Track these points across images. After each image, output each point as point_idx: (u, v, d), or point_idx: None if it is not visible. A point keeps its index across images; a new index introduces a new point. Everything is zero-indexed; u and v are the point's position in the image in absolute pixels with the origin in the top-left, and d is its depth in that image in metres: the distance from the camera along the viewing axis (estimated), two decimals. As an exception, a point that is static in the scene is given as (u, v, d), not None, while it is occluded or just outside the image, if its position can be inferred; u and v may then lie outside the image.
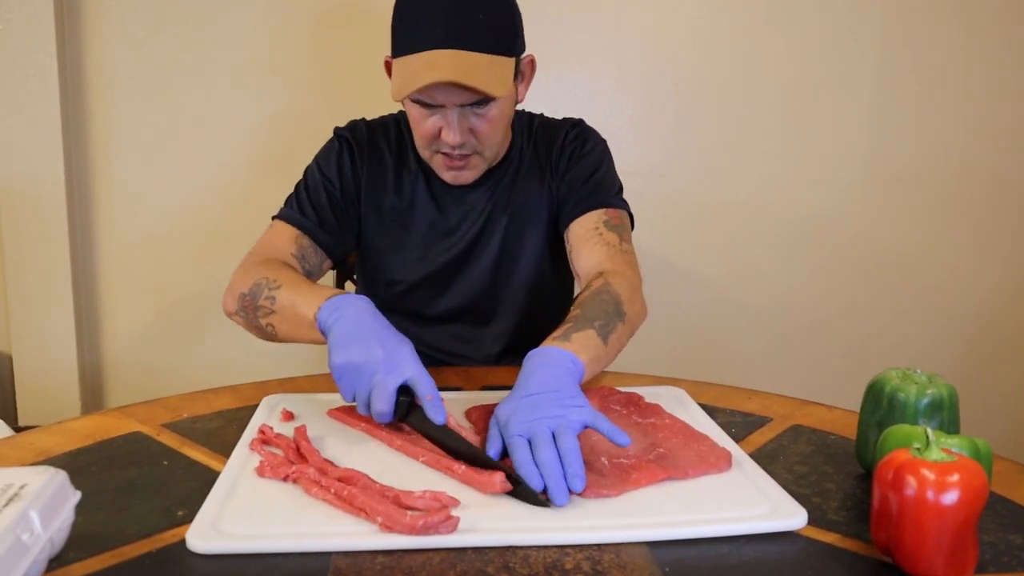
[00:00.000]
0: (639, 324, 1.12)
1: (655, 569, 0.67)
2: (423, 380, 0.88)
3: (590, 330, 0.99)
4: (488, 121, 1.17)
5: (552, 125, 1.36)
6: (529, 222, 1.31)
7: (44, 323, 2.12)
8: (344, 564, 0.67)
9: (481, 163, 1.24)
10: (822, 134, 2.20)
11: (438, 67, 1.07)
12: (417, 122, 1.18)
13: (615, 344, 1.03)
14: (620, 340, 1.05)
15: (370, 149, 1.32)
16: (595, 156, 1.32)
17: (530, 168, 1.32)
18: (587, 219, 1.25)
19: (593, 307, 1.04)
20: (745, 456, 0.88)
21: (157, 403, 1.06)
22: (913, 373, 0.86)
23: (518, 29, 1.17)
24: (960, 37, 2.16)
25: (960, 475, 0.64)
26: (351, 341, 0.91)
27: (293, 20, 2.09)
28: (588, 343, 0.97)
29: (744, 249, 2.25)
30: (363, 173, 1.31)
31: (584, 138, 1.33)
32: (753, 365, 2.31)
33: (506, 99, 1.17)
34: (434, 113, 1.15)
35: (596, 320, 1.01)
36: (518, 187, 1.31)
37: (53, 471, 0.67)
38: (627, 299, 1.09)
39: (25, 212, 2.08)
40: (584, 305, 1.05)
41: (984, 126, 2.21)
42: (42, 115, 2.03)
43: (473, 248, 1.31)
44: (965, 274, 2.29)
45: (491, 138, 1.20)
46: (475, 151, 1.20)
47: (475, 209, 1.31)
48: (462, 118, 1.15)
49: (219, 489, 0.78)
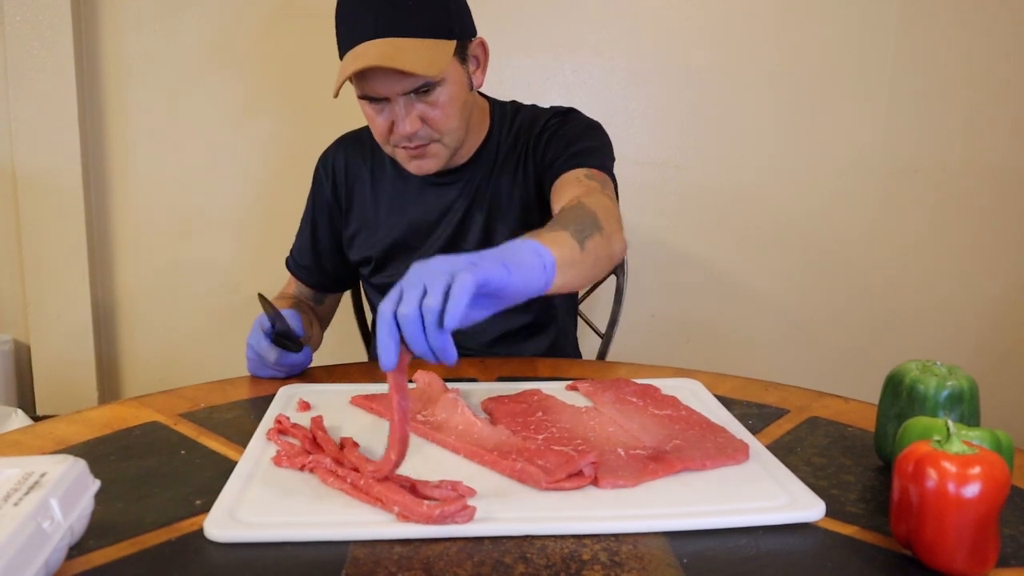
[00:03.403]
0: (618, 249, 1.01)
1: (672, 560, 0.67)
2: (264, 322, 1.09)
3: (564, 232, 0.89)
4: (438, 107, 1.16)
5: (535, 113, 1.34)
6: (502, 217, 1.30)
7: (62, 314, 2.14)
8: (362, 554, 0.67)
9: (442, 150, 1.22)
10: (838, 125, 2.19)
11: (364, 56, 1.09)
12: (371, 119, 1.20)
13: (591, 253, 0.91)
14: (597, 252, 0.93)
15: (345, 166, 1.37)
16: (578, 124, 1.29)
17: (506, 160, 1.31)
18: (568, 175, 1.20)
19: (566, 216, 0.97)
20: (762, 448, 0.88)
21: (174, 393, 1.07)
22: (933, 365, 0.85)
23: (452, 12, 1.16)
24: (976, 31, 2.14)
25: (981, 468, 0.63)
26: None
27: (312, 10, 2.09)
28: (560, 240, 0.86)
29: (760, 240, 2.24)
30: (343, 189, 1.37)
31: (566, 114, 1.31)
32: (768, 356, 2.30)
33: (453, 83, 1.17)
34: (383, 108, 1.16)
35: (570, 225, 0.92)
36: (494, 181, 1.30)
37: (73, 460, 0.67)
38: (604, 218, 0.99)
39: (43, 204, 2.09)
40: (558, 217, 0.97)
41: (1001, 118, 2.18)
42: (59, 107, 2.05)
43: (452, 246, 1.31)
44: (983, 265, 2.27)
45: (445, 123, 1.19)
46: (432, 139, 1.20)
47: (452, 206, 1.31)
48: (409, 107, 1.15)
49: (236, 478, 0.79)
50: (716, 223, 2.24)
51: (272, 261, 1.44)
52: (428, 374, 1.05)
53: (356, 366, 1.24)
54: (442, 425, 0.91)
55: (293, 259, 1.43)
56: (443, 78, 1.14)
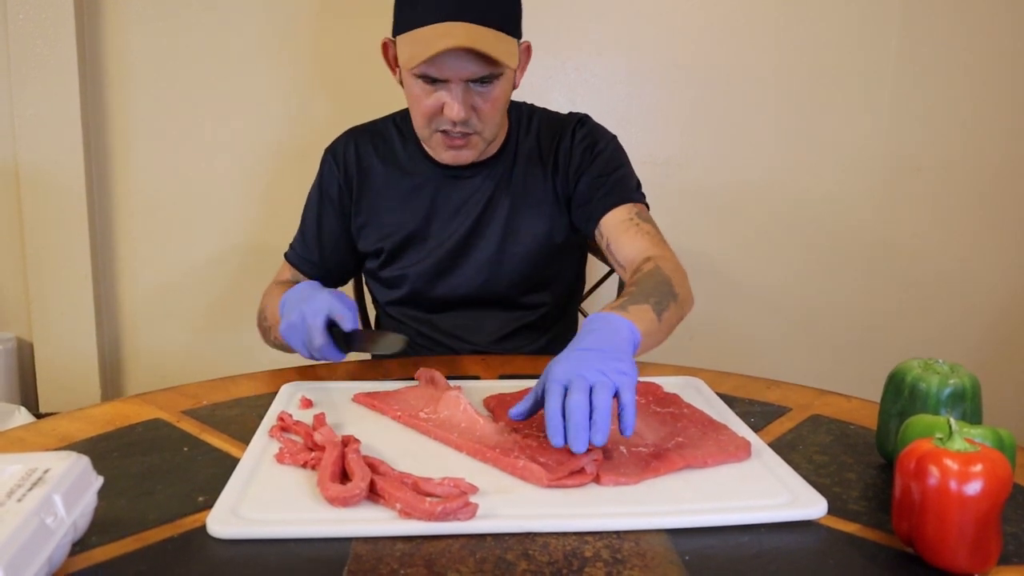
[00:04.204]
0: (688, 310, 1.12)
1: (675, 557, 0.67)
2: (344, 314, 1.02)
3: (645, 305, 0.99)
4: (490, 100, 1.18)
5: (555, 119, 1.36)
6: (530, 208, 1.31)
7: (64, 311, 2.15)
8: (364, 550, 0.67)
9: (480, 143, 1.24)
10: (840, 123, 2.19)
11: (452, 35, 1.09)
12: (419, 99, 1.19)
13: (667, 323, 1.02)
14: (671, 321, 1.04)
15: (356, 158, 1.35)
16: (612, 151, 1.32)
17: (530, 158, 1.32)
18: (619, 212, 1.26)
19: (648, 286, 1.04)
20: (764, 446, 0.88)
21: (177, 390, 1.07)
22: (935, 363, 0.85)
23: (519, 13, 1.19)
24: (977, 30, 2.14)
25: (983, 465, 0.63)
26: (286, 309, 1.08)
27: (315, 8, 2.09)
28: (644, 316, 0.96)
29: (761, 238, 2.24)
30: (354, 182, 1.35)
31: (596, 136, 1.33)
32: (770, 353, 2.30)
33: (507, 80, 1.20)
34: (437, 89, 1.16)
35: (651, 297, 1.01)
36: (517, 174, 1.31)
37: (76, 456, 0.67)
38: (678, 283, 1.10)
39: (45, 201, 2.09)
40: (638, 284, 1.05)
41: (1002, 115, 2.18)
42: (62, 105, 2.05)
43: (474, 232, 1.31)
44: (984, 262, 2.27)
45: (492, 118, 1.21)
46: (475, 131, 1.21)
47: (476, 194, 1.31)
48: (466, 94, 1.16)
49: (239, 475, 0.79)
50: (718, 221, 2.24)
51: (275, 259, 1.43)
52: (430, 371, 1.05)
53: (358, 363, 1.24)
54: (444, 422, 0.91)
55: (295, 251, 1.41)
56: (503, 72, 1.17)
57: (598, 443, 0.77)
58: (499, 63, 1.12)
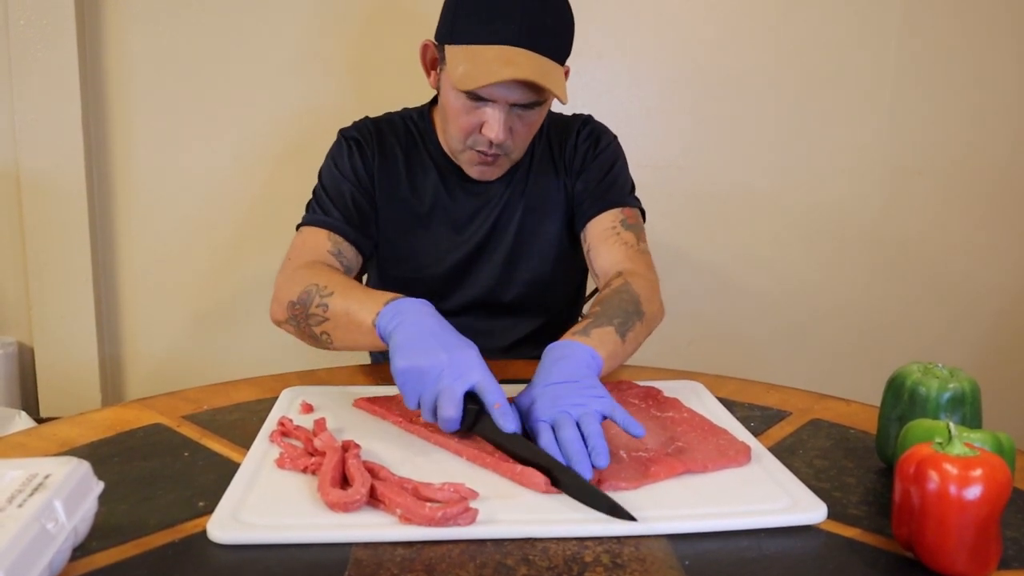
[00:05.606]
0: (656, 324, 1.15)
1: (675, 562, 0.67)
2: (490, 387, 0.85)
3: (609, 327, 1.01)
4: (529, 124, 1.19)
5: (563, 122, 1.37)
6: (545, 214, 1.32)
7: (65, 316, 2.15)
8: (364, 556, 0.67)
9: (507, 164, 1.26)
10: (839, 126, 2.19)
11: (516, 64, 1.07)
12: (459, 113, 1.17)
13: (632, 342, 1.05)
14: (637, 338, 1.07)
15: (379, 145, 1.31)
16: (609, 154, 1.33)
17: (543, 163, 1.33)
18: (604, 218, 1.27)
19: (613, 305, 1.06)
20: (764, 450, 0.88)
21: (177, 395, 1.07)
22: (934, 367, 0.85)
23: (571, 42, 1.18)
24: (978, 32, 2.14)
25: (983, 470, 0.63)
26: (415, 345, 0.88)
27: (316, 12, 2.09)
28: (606, 339, 0.99)
29: (762, 241, 2.24)
30: (375, 169, 1.30)
31: (597, 136, 1.34)
32: (770, 356, 2.30)
33: (548, 106, 1.20)
34: (480, 107, 1.15)
35: (615, 318, 1.03)
36: (532, 181, 1.32)
37: (77, 461, 0.67)
38: (646, 299, 1.11)
39: (46, 206, 2.10)
40: (604, 303, 1.07)
41: (1003, 117, 2.18)
42: (62, 109, 2.05)
43: (489, 238, 1.32)
44: (983, 265, 2.27)
45: (525, 140, 1.22)
46: (506, 152, 1.21)
47: (491, 200, 1.31)
48: (509, 117, 1.15)
49: (239, 480, 0.79)
50: (719, 225, 2.24)
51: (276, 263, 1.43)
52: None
53: (359, 368, 1.24)
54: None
55: (329, 216, 1.23)
56: (547, 99, 1.17)
57: (601, 465, 0.78)
58: (549, 92, 1.12)
